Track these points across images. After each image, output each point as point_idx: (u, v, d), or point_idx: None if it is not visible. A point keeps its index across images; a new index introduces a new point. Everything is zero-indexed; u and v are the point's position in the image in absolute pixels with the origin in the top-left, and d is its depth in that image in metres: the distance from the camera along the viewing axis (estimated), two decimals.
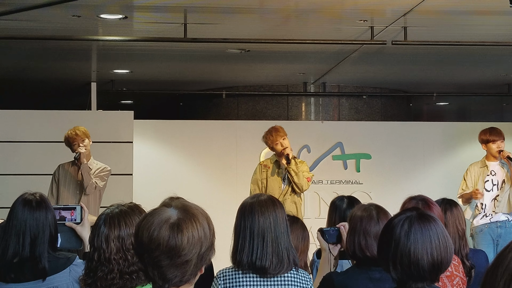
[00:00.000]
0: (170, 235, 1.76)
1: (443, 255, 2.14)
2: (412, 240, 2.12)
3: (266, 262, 2.82)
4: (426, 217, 2.18)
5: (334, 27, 6.42)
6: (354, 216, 2.92)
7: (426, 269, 2.12)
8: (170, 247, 1.75)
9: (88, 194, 6.01)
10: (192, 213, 1.81)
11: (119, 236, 2.42)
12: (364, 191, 8.36)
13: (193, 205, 1.85)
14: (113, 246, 2.40)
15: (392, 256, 2.14)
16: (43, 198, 3.05)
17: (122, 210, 2.47)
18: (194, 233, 1.77)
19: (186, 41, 6.32)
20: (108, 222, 2.43)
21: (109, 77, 9.10)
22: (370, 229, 2.84)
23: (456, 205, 3.69)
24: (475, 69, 8.67)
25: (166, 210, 1.82)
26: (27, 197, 3.02)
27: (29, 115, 7.75)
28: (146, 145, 8.32)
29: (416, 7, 5.62)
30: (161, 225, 1.77)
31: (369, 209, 2.92)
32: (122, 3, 5.60)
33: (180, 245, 1.75)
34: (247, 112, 9.77)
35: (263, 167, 6.30)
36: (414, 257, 2.11)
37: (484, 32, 6.57)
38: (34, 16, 5.76)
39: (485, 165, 6.45)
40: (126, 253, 2.41)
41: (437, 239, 2.14)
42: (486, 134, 6.43)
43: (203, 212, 1.84)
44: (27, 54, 7.66)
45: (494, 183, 6.41)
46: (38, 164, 7.38)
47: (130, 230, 2.44)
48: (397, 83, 9.74)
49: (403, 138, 8.69)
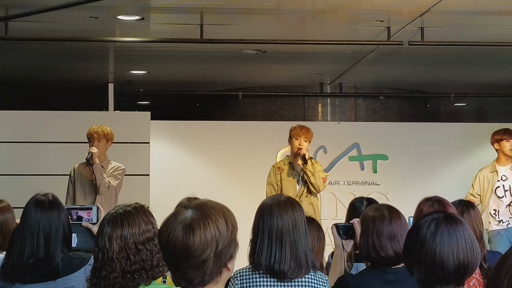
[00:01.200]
0: (183, 236, 1.77)
1: (470, 258, 2.10)
2: (438, 241, 2.09)
3: (284, 266, 2.80)
4: (453, 219, 2.15)
5: (350, 27, 6.41)
6: (366, 217, 2.91)
7: (452, 271, 2.08)
8: (184, 248, 1.76)
9: (102, 193, 6.02)
10: (205, 213, 1.81)
11: (121, 236, 2.43)
12: (381, 192, 8.33)
13: (211, 204, 1.85)
14: (115, 245, 2.42)
15: (416, 256, 2.11)
16: (55, 198, 3.08)
17: (126, 211, 2.48)
18: (207, 232, 1.77)
19: (202, 42, 6.33)
20: (112, 222, 2.45)
21: (126, 78, 9.14)
22: (383, 229, 2.83)
23: (473, 206, 3.67)
24: (493, 69, 8.61)
25: (183, 211, 1.82)
26: (39, 198, 3.05)
27: (46, 116, 7.81)
28: (162, 146, 8.34)
29: (433, 7, 5.60)
30: (176, 227, 1.78)
31: (380, 209, 2.91)
32: (139, 5, 5.63)
33: (193, 246, 1.75)
34: (264, 113, 9.77)
35: (277, 170, 6.24)
36: (440, 258, 2.08)
37: (502, 32, 6.52)
38: (52, 17, 5.81)
39: (495, 170, 6.35)
40: (128, 252, 2.43)
41: (464, 242, 2.10)
42: (500, 133, 6.39)
43: (221, 208, 1.84)
44: (45, 55, 7.72)
45: (506, 189, 6.31)
46: (55, 165, 7.44)
47: (133, 229, 2.45)
48: (414, 83, 9.69)
49: (420, 139, 8.65)
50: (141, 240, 2.44)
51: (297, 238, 2.83)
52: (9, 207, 3.64)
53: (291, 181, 6.15)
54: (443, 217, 2.15)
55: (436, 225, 2.13)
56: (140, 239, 2.44)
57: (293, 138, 6.14)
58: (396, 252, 2.80)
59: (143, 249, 2.44)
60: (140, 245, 2.44)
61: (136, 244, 2.43)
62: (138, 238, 2.44)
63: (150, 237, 2.47)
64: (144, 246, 2.45)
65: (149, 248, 2.45)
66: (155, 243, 2.47)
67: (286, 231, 2.83)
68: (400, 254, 2.78)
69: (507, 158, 6.35)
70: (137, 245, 2.44)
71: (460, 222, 2.15)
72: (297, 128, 6.16)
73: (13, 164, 7.56)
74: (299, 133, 6.10)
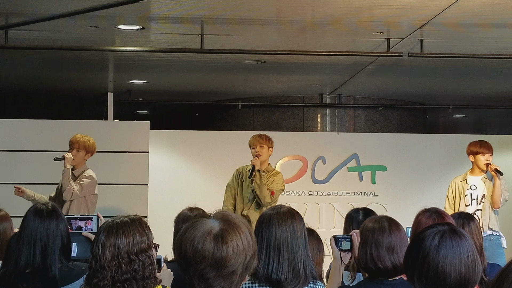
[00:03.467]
0: (215, 246, 1.74)
1: (471, 273, 2.10)
2: (442, 254, 2.09)
3: (282, 275, 2.80)
4: (457, 233, 2.15)
5: (350, 38, 6.42)
6: (365, 228, 2.91)
7: (453, 286, 2.08)
8: (216, 259, 1.74)
9: (66, 200, 5.83)
10: (234, 223, 1.80)
11: (115, 244, 2.44)
12: (380, 203, 8.33)
13: (233, 215, 1.85)
14: (108, 253, 2.43)
15: (418, 267, 2.11)
16: (55, 208, 3.08)
17: (123, 221, 2.50)
18: (239, 243, 1.76)
19: (202, 52, 6.35)
20: (107, 231, 2.46)
21: (125, 87, 9.15)
22: (382, 240, 2.83)
23: (473, 219, 3.67)
24: (491, 81, 8.63)
25: (207, 221, 1.80)
26: (39, 207, 3.05)
27: (46, 125, 7.80)
28: (162, 155, 8.34)
29: (433, 19, 5.61)
30: (205, 237, 1.76)
31: (380, 221, 2.91)
32: (139, 14, 5.64)
33: (226, 256, 1.74)
34: (263, 123, 9.78)
35: (238, 174, 6.32)
36: (442, 272, 2.08)
37: (501, 45, 6.54)
38: (52, 26, 5.82)
39: (464, 179, 6.45)
40: (120, 261, 2.43)
41: (467, 257, 2.10)
42: (476, 146, 6.43)
43: (244, 221, 1.84)
44: (44, 64, 7.73)
45: (473, 198, 6.37)
46: (54, 174, 7.42)
47: (126, 239, 2.45)
48: (413, 95, 9.71)
49: (419, 150, 8.65)
50: (134, 250, 2.45)
51: (296, 248, 2.83)
52: (7, 216, 3.64)
53: (246, 189, 6.17)
54: (448, 231, 2.15)
55: (440, 238, 2.12)
56: (133, 249, 2.45)
57: (250, 148, 6.25)
58: (394, 264, 2.80)
59: (136, 259, 2.45)
60: (132, 255, 2.44)
61: (128, 253, 2.44)
62: (131, 248, 2.45)
63: (143, 248, 2.47)
64: (137, 257, 2.45)
65: (141, 259, 2.46)
66: (148, 254, 2.47)
67: (284, 241, 2.83)
68: (398, 266, 2.78)
69: (480, 171, 6.41)
70: (129, 254, 2.44)
71: (464, 236, 2.15)
72: (250, 138, 6.28)
73: (12, 172, 7.55)
74: (253, 142, 6.25)
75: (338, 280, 3.15)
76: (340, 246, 3.17)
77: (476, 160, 6.41)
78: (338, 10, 5.45)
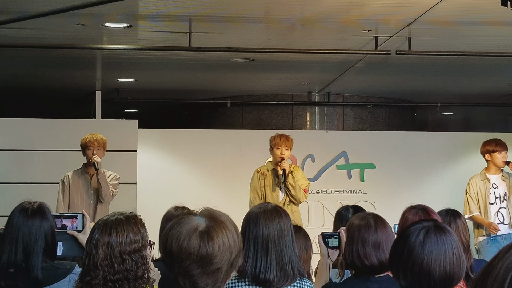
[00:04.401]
0: (200, 243, 1.75)
1: (456, 269, 2.11)
2: (427, 250, 2.10)
3: (270, 275, 2.80)
4: (442, 229, 2.16)
5: (338, 36, 6.42)
6: (352, 225, 2.91)
7: (438, 282, 2.09)
8: (202, 256, 1.74)
9: (105, 202, 6.01)
10: (220, 220, 1.80)
11: (108, 243, 2.42)
12: (368, 200, 8.34)
13: (218, 212, 1.84)
14: (101, 252, 2.41)
15: (403, 264, 2.11)
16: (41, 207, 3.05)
17: (118, 219, 2.47)
18: (224, 240, 1.76)
19: (190, 50, 6.33)
20: (101, 228, 2.44)
21: (113, 86, 9.11)
22: (368, 237, 2.83)
23: (460, 215, 3.68)
24: (479, 79, 8.66)
25: (193, 218, 1.80)
26: (25, 205, 3.03)
27: (33, 124, 7.76)
28: (150, 154, 8.31)
29: (421, 17, 5.62)
30: (191, 234, 1.76)
31: (366, 218, 2.91)
32: (127, 12, 5.62)
33: (212, 253, 1.74)
34: (252, 121, 9.77)
35: (261, 175, 6.28)
36: (427, 268, 2.08)
37: (489, 43, 6.56)
38: (38, 24, 5.78)
39: (486, 178, 6.42)
40: (113, 261, 2.41)
41: (451, 253, 2.11)
42: (492, 144, 6.42)
43: (230, 218, 1.84)
44: (31, 63, 7.68)
45: (497, 196, 6.39)
46: (42, 173, 7.39)
47: (120, 238, 2.43)
48: (401, 93, 9.73)
49: (407, 148, 8.68)
50: (127, 250, 2.42)
51: (283, 247, 2.83)
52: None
53: (270, 191, 6.17)
54: (433, 227, 2.16)
55: (425, 234, 2.13)
56: (126, 249, 2.42)
57: (274, 148, 6.22)
58: (380, 261, 2.80)
59: (128, 259, 2.42)
60: (125, 255, 2.42)
61: (121, 253, 2.42)
62: (124, 248, 2.42)
63: (137, 248, 2.45)
64: (130, 257, 2.43)
65: (134, 258, 2.43)
66: (142, 254, 2.45)
67: (271, 240, 2.82)
68: (384, 263, 2.78)
69: (497, 169, 6.40)
70: (122, 254, 2.42)
71: (449, 232, 2.16)
72: (276, 138, 6.23)
73: (0, 172, 7.50)
74: (279, 142, 6.18)
75: (325, 278, 3.15)
76: (328, 243, 3.16)
77: (493, 159, 6.40)
78: (327, 8, 5.45)
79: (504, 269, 0.87)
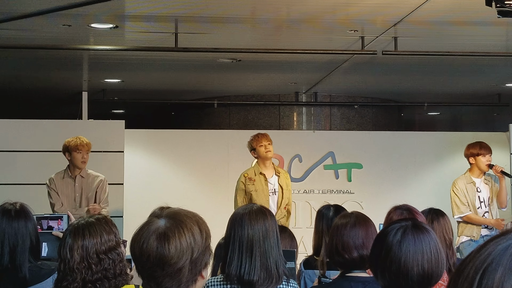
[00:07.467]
0: (158, 245, 1.77)
1: (434, 268, 2.11)
2: (404, 250, 2.10)
3: (254, 276, 2.79)
4: (420, 228, 2.16)
5: (325, 37, 6.44)
6: (334, 224, 2.94)
7: (415, 281, 2.09)
8: (159, 257, 1.76)
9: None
10: (179, 220, 1.81)
11: (83, 246, 2.44)
12: (356, 200, 8.36)
13: (184, 212, 1.85)
14: (76, 256, 2.42)
15: (381, 263, 2.12)
16: (23, 207, 3.05)
17: (88, 221, 2.49)
18: (182, 240, 1.77)
19: (177, 50, 6.32)
20: (73, 233, 2.45)
21: (100, 87, 9.08)
22: (347, 232, 2.84)
23: (443, 214, 3.69)
24: (465, 79, 8.70)
25: (155, 221, 1.83)
26: (6, 207, 3.02)
27: (19, 125, 7.71)
28: (137, 155, 8.29)
29: (406, 17, 5.65)
30: (149, 237, 1.79)
31: (348, 216, 2.94)
32: (113, 13, 5.60)
33: (168, 254, 1.76)
34: (239, 122, 9.77)
35: (248, 180, 6.16)
36: (404, 267, 2.09)
37: (474, 43, 6.60)
38: (24, 25, 5.75)
39: (471, 181, 6.35)
40: (90, 262, 2.43)
41: (429, 252, 2.12)
42: (476, 147, 6.32)
43: (194, 216, 1.84)
44: (17, 63, 7.64)
45: (481, 200, 6.34)
46: (28, 174, 7.35)
47: (94, 239, 2.45)
48: (388, 93, 9.77)
49: (394, 147, 8.70)
50: (102, 250, 2.45)
51: (268, 248, 2.82)
52: None
53: (263, 192, 6.10)
54: (411, 226, 2.17)
55: (402, 234, 2.14)
56: (101, 248, 2.45)
57: (256, 147, 6.13)
58: (361, 255, 2.80)
59: (105, 258, 2.44)
60: (102, 255, 2.44)
61: (97, 253, 2.44)
62: (99, 248, 2.44)
63: (112, 246, 2.47)
64: (106, 255, 2.45)
65: (111, 257, 2.45)
66: (118, 252, 2.47)
67: (256, 241, 2.81)
68: (365, 258, 2.78)
69: (480, 172, 6.35)
70: (98, 254, 2.44)
71: (426, 231, 2.17)
72: (255, 137, 6.19)
73: None
74: (260, 139, 6.13)
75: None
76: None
77: (477, 162, 6.28)
78: (313, 8, 5.46)
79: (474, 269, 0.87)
